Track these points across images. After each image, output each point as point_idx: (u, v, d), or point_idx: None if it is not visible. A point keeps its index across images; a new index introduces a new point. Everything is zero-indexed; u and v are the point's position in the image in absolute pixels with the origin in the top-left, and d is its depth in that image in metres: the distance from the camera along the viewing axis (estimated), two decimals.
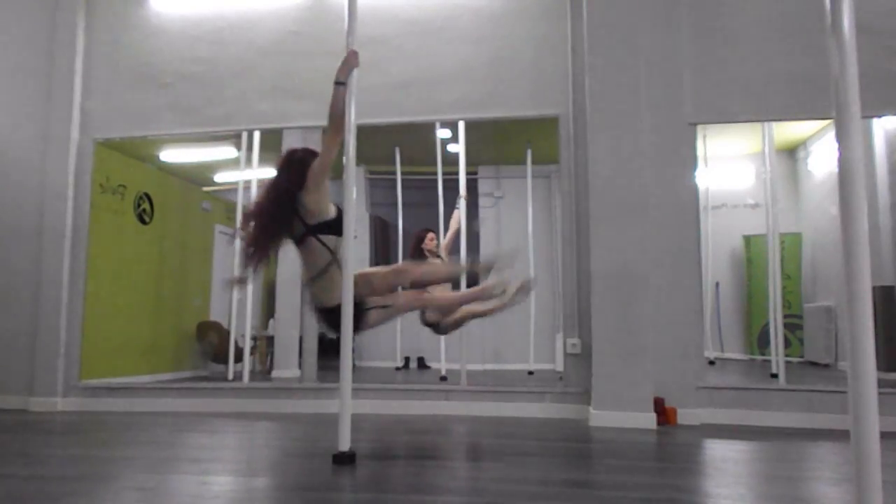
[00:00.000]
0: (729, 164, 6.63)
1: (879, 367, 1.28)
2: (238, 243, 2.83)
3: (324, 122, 4.39)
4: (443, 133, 5.25)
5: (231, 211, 6.10)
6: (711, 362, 5.77)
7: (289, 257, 5.80)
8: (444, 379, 4.88)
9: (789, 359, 5.11)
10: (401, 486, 2.35)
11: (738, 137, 6.15)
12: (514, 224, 6.31)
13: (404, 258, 2.82)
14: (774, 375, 4.52)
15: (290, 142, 5.76)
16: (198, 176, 6.59)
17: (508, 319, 5.48)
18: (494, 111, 4.29)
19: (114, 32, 4.76)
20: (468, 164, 4.79)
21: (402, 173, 6.10)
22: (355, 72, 2.80)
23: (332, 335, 2.82)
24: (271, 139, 5.61)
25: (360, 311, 2.72)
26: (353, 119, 2.75)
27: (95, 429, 3.70)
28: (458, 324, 4.04)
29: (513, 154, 6.03)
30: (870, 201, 2.50)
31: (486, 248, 6.52)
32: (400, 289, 2.96)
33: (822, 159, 6.09)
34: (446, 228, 5.08)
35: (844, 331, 1.45)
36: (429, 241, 4.50)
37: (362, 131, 2.82)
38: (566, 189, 4.14)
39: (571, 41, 4.18)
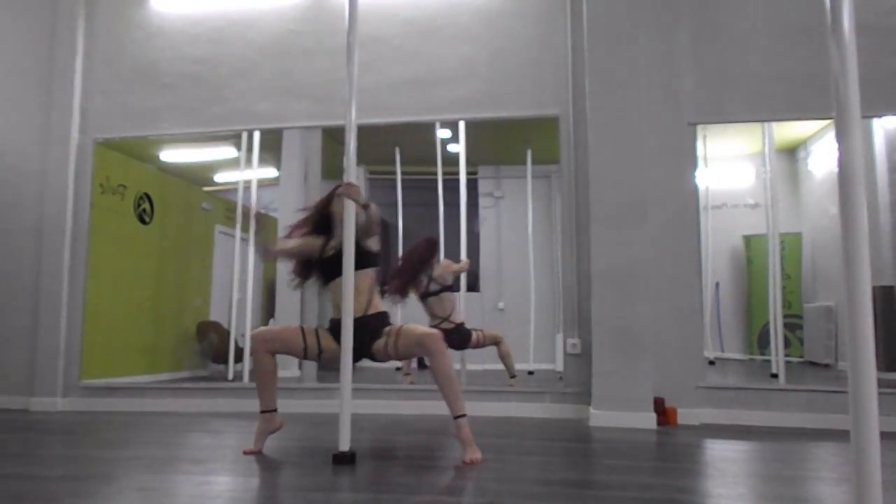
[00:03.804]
0: (729, 164, 6.62)
1: (879, 367, 1.28)
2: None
3: (323, 122, 4.44)
4: (443, 133, 5.25)
5: (231, 211, 6.09)
6: (711, 362, 5.76)
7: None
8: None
9: (789, 359, 5.10)
10: (401, 486, 2.34)
11: (738, 137, 6.15)
12: (514, 224, 6.30)
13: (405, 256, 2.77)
14: (774, 375, 4.51)
15: (290, 142, 5.79)
16: (198, 176, 6.59)
17: (508, 320, 5.49)
18: (494, 111, 4.29)
19: (114, 32, 4.76)
20: (468, 164, 4.79)
21: (402, 173, 6.10)
22: (356, 70, 2.80)
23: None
24: (271, 139, 5.61)
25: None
26: (353, 119, 2.75)
27: (95, 429, 3.70)
28: None
29: (513, 154, 6.02)
30: (870, 201, 2.50)
31: (487, 248, 6.52)
32: None
33: (822, 159, 6.08)
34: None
35: (844, 331, 1.45)
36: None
37: (362, 131, 2.82)
38: (566, 189, 4.15)
39: (571, 41, 4.18)
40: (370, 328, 2.79)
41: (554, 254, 5.38)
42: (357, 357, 2.82)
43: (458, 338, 4.58)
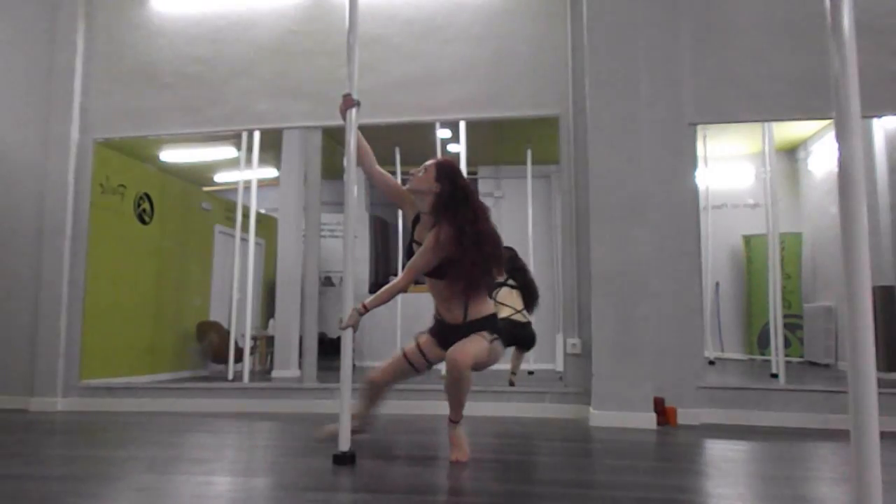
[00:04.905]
0: (729, 164, 6.63)
1: (879, 367, 1.28)
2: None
3: (323, 122, 4.44)
4: (443, 133, 5.25)
5: (231, 211, 6.10)
6: (711, 362, 5.76)
7: (290, 258, 5.85)
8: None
9: (789, 359, 5.11)
10: (401, 486, 2.35)
11: (738, 137, 6.15)
12: (514, 224, 6.31)
13: (405, 257, 2.71)
14: (774, 375, 4.52)
15: (290, 142, 5.79)
16: (198, 176, 6.59)
17: None
18: (494, 111, 4.29)
19: (114, 32, 4.76)
20: (468, 164, 4.78)
21: (402, 173, 6.10)
22: (357, 70, 2.80)
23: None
24: (271, 139, 5.61)
25: None
26: (353, 119, 2.75)
27: (95, 429, 3.70)
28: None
29: (513, 154, 6.03)
30: (870, 201, 2.50)
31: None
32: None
33: (822, 159, 6.09)
34: None
35: (844, 331, 1.45)
36: None
37: (362, 131, 2.82)
38: (566, 189, 4.14)
39: (571, 41, 4.18)
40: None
41: (554, 254, 5.38)
42: None
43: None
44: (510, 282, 4.48)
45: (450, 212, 2.59)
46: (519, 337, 4.35)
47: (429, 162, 2.76)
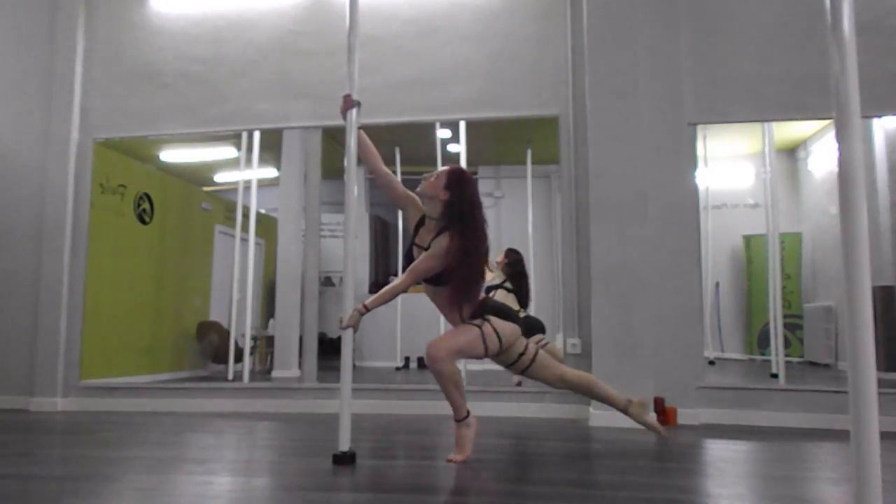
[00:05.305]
0: (729, 164, 6.62)
1: (879, 367, 1.28)
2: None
3: (323, 122, 4.44)
4: (443, 133, 5.25)
5: (231, 211, 6.09)
6: (711, 362, 5.76)
7: (290, 258, 5.85)
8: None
9: (789, 359, 5.11)
10: (401, 486, 2.35)
11: (738, 137, 6.15)
12: (514, 224, 6.30)
13: (405, 259, 2.69)
14: (774, 375, 4.52)
15: (291, 142, 5.79)
16: (198, 176, 6.59)
17: None
18: (494, 111, 4.29)
19: (114, 32, 4.76)
20: (468, 164, 4.78)
21: (403, 173, 6.10)
22: (357, 70, 2.80)
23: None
24: (271, 139, 5.61)
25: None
26: (353, 119, 2.75)
27: (95, 429, 3.70)
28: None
29: (513, 154, 6.03)
30: (870, 201, 2.50)
31: None
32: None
33: (822, 159, 6.09)
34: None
35: (844, 331, 1.45)
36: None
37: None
38: (566, 189, 4.15)
39: (571, 41, 4.18)
40: None
41: (554, 254, 5.38)
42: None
43: None
44: (507, 284, 4.48)
45: (460, 223, 2.62)
46: (526, 326, 4.35)
47: (442, 168, 2.75)
